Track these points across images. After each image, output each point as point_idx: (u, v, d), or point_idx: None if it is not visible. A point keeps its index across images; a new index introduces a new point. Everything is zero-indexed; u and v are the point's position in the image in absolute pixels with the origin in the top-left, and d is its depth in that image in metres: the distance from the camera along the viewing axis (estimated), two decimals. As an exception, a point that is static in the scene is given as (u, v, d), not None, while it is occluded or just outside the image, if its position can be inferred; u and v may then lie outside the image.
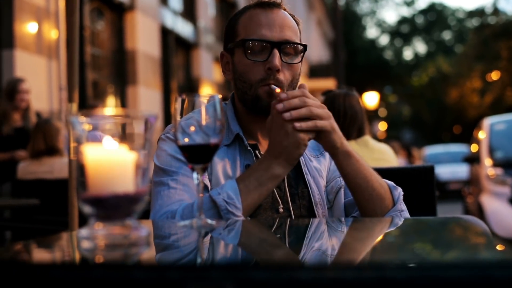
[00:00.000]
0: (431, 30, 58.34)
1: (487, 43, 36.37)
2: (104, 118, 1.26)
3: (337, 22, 20.09)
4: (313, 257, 1.29)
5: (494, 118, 11.64)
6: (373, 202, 2.09)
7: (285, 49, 2.16)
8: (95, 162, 1.22)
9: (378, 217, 2.09)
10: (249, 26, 2.19)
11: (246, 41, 2.16)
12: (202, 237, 1.51)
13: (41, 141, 5.78)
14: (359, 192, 2.08)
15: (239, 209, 1.91)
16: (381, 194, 2.10)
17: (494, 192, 9.17)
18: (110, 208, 1.21)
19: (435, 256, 1.19)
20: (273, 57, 2.12)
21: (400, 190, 2.18)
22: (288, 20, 2.22)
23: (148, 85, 13.59)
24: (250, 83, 2.16)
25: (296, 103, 1.94)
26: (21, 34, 9.15)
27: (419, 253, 1.25)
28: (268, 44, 2.14)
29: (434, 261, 1.12)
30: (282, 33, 2.16)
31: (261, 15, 2.19)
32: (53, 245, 1.42)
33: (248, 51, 2.16)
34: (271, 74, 2.12)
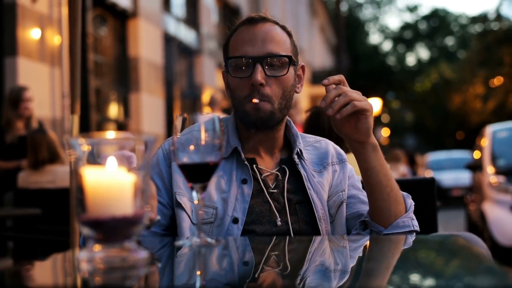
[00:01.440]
0: (434, 36, 58.26)
1: (490, 49, 36.30)
2: (103, 140, 1.26)
3: (339, 28, 20.12)
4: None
5: (497, 126, 11.64)
6: (389, 203, 2.10)
7: (271, 62, 2.16)
8: (94, 185, 1.22)
9: (390, 221, 2.10)
10: (235, 44, 2.22)
11: (229, 59, 2.19)
12: (201, 258, 1.51)
13: (45, 151, 5.78)
14: (378, 190, 2.10)
15: None
16: (398, 197, 2.13)
17: (496, 200, 9.17)
18: (109, 230, 1.22)
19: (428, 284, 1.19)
20: (255, 72, 2.13)
21: (412, 201, 2.20)
22: (272, 33, 2.21)
23: (150, 92, 13.60)
24: (239, 99, 2.18)
25: (333, 95, 1.97)
26: (24, 41, 9.16)
27: (412, 282, 1.24)
28: (250, 60, 2.15)
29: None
30: (264, 47, 2.17)
31: (245, 31, 2.21)
32: (52, 268, 1.42)
33: (232, 69, 2.18)
34: (255, 90, 2.13)
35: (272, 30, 2.22)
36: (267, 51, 2.16)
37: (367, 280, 1.26)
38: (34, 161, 5.80)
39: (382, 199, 2.10)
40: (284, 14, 26.11)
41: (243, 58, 2.16)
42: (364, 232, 2.17)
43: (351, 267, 1.48)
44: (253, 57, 2.15)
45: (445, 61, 52.71)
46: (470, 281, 1.16)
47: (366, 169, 2.10)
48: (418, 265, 1.42)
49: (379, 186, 2.09)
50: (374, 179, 2.09)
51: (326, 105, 1.98)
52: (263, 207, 2.17)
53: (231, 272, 1.41)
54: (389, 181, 2.10)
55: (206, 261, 1.50)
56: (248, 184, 2.17)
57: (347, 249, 1.80)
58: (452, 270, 1.30)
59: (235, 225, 2.11)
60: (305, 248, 1.79)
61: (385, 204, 2.10)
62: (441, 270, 1.30)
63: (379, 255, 1.66)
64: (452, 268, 1.33)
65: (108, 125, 12.93)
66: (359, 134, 2.05)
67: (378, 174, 2.09)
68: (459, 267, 1.34)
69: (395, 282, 1.21)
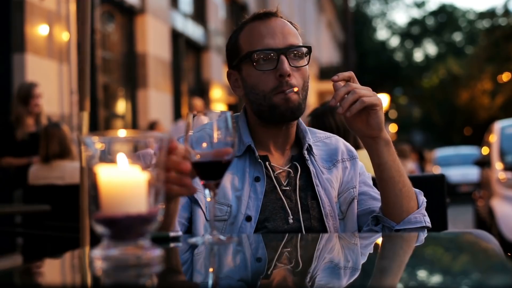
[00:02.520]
0: (442, 31, 58.15)
1: (498, 45, 36.20)
2: (117, 138, 1.26)
3: (347, 24, 20.10)
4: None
5: (505, 122, 11.60)
6: (401, 199, 2.11)
7: (291, 54, 2.17)
8: (108, 183, 1.22)
9: (403, 216, 2.11)
10: (252, 39, 2.21)
11: (252, 53, 2.17)
12: (214, 256, 1.51)
13: (56, 145, 5.79)
14: (391, 185, 2.10)
15: None
16: (410, 193, 2.13)
17: (505, 196, 9.14)
18: (123, 228, 1.22)
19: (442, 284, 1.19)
20: (282, 63, 2.13)
21: (424, 198, 2.21)
22: (288, 26, 2.24)
23: (158, 88, 13.61)
24: (263, 93, 2.16)
25: (342, 93, 1.98)
26: (32, 38, 9.17)
27: (425, 280, 1.24)
28: (274, 52, 2.15)
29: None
30: (285, 39, 2.18)
31: (260, 26, 2.21)
32: (65, 265, 1.42)
33: (255, 63, 2.17)
34: (283, 81, 2.13)
35: (286, 24, 2.24)
36: (289, 43, 2.18)
37: (378, 278, 1.26)
38: (45, 154, 5.81)
39: (394, 194, 2.11)
40: (291, 9, 26.08)
41: (267, 50, 2.16)
42: (376, 227, 2.17)
43: (362, 264, 1.48)
44: (277, 49, 2.15)
45: (452, 56, 52.60)
46: (483, 279, 1.16)
47: (379, 164, 2.11)
48: (430, 263, 1.42)
49: (392, 181, 2.10)
50: (386, 174, 2.10)
51: (336, 103, 1.99)
52: (276, 204, 2.17)
53: (244, 269, 1.41)
54: (401, 176, 2.11)
55: (220, 259, 1.50)
56: (261, 182, 2.17)
57: (358, 247, 1.80)
58: (465, 267, 1.30)
59: (248, 223, 2.11)
60: (316, 246, 1.79)
61: (397, 200, 2.11)
62: (454, 268, 1.30)
63: (390, 252, 1.66)
64: (464, 265, 1.33)
65: (116, 121, 12.94)
66: (371, 129, 2.06)
67: (391, 169, 2.10)
68: (472, 264, 1.34)
69: (406, 280, 1.21)
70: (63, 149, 5.83)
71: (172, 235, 1.71)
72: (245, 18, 2.30)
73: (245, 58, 2.21)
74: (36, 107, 7.01)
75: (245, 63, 2.21)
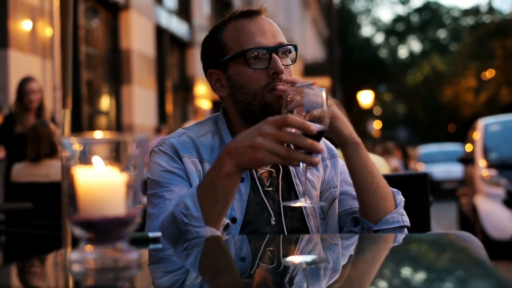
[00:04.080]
0: (426, 28, 58.28)
1: (482, 42, 36.34)
2: (95, 139, 1.25)
3: (332, 21, 20.10)
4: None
5: (489, 119, 11.66)
6: (376, 199, 2.10)
7: (280, 53, 2.16)
8: (86, 185, 1.21)
9: (380, 217, 2.10)
10: (241, 36, 2.17)
11: (245, 52, 2.13)
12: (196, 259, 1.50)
13: (47, 144, 5.74)
14: (364, 187, 2.10)
15: (198, 219, 1.82)
16: (385, 193, 2.13)
17: (488, 193, 9.19)
18: (100, 231, 1.20)
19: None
20: (275, 62, 2.11)
21: (402, 197, 2.20)
22: (274, 25, 2.22)
23: (142, 84, 13.58)
24: (254, 92, 2.13)
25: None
26: (16, 33, 9.13)
27: (400, 284, 1.24)
28: (266, 50, 2.13)
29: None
30: (275, 38, 2.16)
31: (249, 24, 2.18)
32: (44, 268, 1.41)
33: (251, 61, 2.13)
34: (276, 78, 2.11)
35: (272, 23, 2.22)
36: (278, 41, 2.17)
37: (355, 280, 1.26)
38: (36, 154, 5.75)
39: (368, 195, 2.10)
40: (276, 6, 26.08)
41: (261, 49, 2.13)
42: (356, 228, 2.17)
43: (342, 265, 1.48)
44: (270, 47, 2.14)
45: (437, 53, 52.78)
46: (463, 284, 1.16)
47: (350, 167, 2.11)
48: (408, 265, 1.41)
49: (364, 183, 2.10)
50: (358, 176, 2.10)
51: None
52: (259, 205, 2.15)
53: (228, 269, 1.41)
54: (374, 178, 2.10)
55: (200, 260, 1.50)
56: (245, 183, 2.14)
57: (339, 247, 1.79)
58: (445, 271, 1.29)
59: (233, 225, 2.08)
60: (297, 246, 1.78)
61: (372, 201, 2.11)
62: (433, 271, 1.29)
63: (369, 253, 1.66)
64: (445, 269, 1.32)
65: (99, 118, 12.90)
66: (334, 138, 2.10)
67: (362, 172, 2.09)
68: (452, 268, 1.33)
69: (379, 283, 1.20)
70: (53, 148, 5.78)
71: (151, 236, 1.70)
72: (226, 16, 2.27)
73: (236, 57, 2.16)
74: (30, 103, 6.89)
75: (234, 62, 2.17)
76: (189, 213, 1.83)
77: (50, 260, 1.49)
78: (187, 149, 2.14)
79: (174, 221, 1.87)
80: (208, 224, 1.84)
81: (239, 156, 1.77)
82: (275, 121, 1.70)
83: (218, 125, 2.25)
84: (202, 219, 1.83)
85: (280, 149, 1.68)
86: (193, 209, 1.84)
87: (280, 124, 1.68)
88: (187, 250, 1.65)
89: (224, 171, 1.80)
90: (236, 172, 1.80)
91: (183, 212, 1.84)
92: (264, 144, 1.69)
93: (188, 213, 1.83)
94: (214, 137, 2.21)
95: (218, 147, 2.18)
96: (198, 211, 1.83)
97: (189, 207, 1.84)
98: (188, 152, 2.13)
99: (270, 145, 1.68)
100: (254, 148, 1.71)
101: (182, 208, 1.85)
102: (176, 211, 1.86)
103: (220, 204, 1.84)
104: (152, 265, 1.48)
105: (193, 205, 1.84)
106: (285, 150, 1.67)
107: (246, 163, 1.77)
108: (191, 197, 1.86)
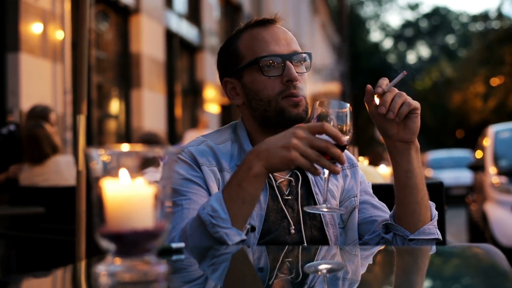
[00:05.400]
0: (435, 34, 58.35)
1: (491, 48, 36.27)
2: (124, 152, 1.24)
3: (342, 26, 20.10)
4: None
5: (499, 126, 11.63)
6: (420, 208, 2.09)
7: (294, 61, 2.16)
8: (114, 197, 1.20)
9: (418, 226, 2.09)
10: (255, 45, 2.19)
11: (259, 59, 2.15)
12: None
13: (47, 145, 5.77)
14: (415, 193, 2.08)
15: (226, 220, 1.84)
16: (427, 204, 2.12)
17: (498, 200, 9.17)
18: (129, 244, 1.19)
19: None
20: (289, 69, 2.13)
21: (436, 211, 2.18)
22: (288, 33, 2.24)
23: (152, 88, 13.58)
24: (269, 99, 2.14)
25: (389, 98, 2.01)
26: (26, 37, 9.14)
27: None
28: (280, 58, 2.14)
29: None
30: (289, 46, 2.18)
31: (263, 32, 2.20)
32: (67, 281, 1.40)
33: (265, 69, 2.14)
34: (290, 85, 2.12)
35: (287, 31, 2.24)
36: (292, 49, 2.18)
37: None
38: (38, 156, 5.77)
39: (416, 202, 2.08)
40: (285, 11, 26.09)
41: (276, 56, 2.14)
42: (388, 235, 2.14)
43: (362, 275, 1.48)
44: (284, 55, 2.15)
45: (445, 59, 52.77)
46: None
47: (408, 170, 2.08)
48: (438, 279, 1.40)
49: (416, 189, 2.08)
50: (413, 181, 2.07)
51: (387, 109, 1.98)
52: (278, 214, 2.14)
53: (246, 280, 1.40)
54: (424, 185, 2.10)
55: (222, 271, 1.49)
56: (264, 191, 2.13)
57: (358, 258, 1.79)
58: (473, 286, 1.28)
59: (251, 233, 2.08)
60: (317, 257, 1.78)
61: (417, 208, 2.09)
62: (461, 286, 1.28)
63: (390, 264, 1.65)
64: (473, 284, 1.31)
65: (109, 122, 12.92)
66: (409, 133, 2.05)
67: (417, 177, 2.07)
68: (480, 283, 1.32)
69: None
70: (53, 147, 5.82)
71: (174, 247, 1.69)
72: (241, 26, 2.28)
73: (250, 65, 2.18)
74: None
75: (249, 70, 2.19)
76: (217, 215, 1.84)
77: (73, 272, 1.48)
78: (206, 157, 2.14)
79: (200, 225, 1.86)
80: (235, 226, 1.85)
81: (270, 157, 1.82)
82: (310, 127, 1.79)
83: (237, 133, 2.26)
84: (229, 220, 1.84)
85: (312, 152, 1.76)
86: (220, 211, 1.84)
87: (315, 131, 1.77)
88: (214, 266, 1.64)
89: (253, 172, 1.84)
90: (264, 173, 1.85)
91: (210, 214, 1.84)
92: (298, 145, 1.77)
93: (215, 215, 1.84)
94: (233, 145, 2.21)
95: (237, 155, 2.18)
96: (225, 213, 1.84)
97: (216, 209, 1.85)
98: (207, 161, 2.13)
99: (304, 148, 1.76)
100: (289, 148, 1.78)
101: (209, 210, 1.85)
102: (203, 214, 1.85)
103: (247, 206, 1.87)
104: (172, 275, 1.47)
105: (220, 207, 1.85)
106: (316, 154, 1.76)
107: (276, 163, 1.81)
108: (218, 200, 1.86)
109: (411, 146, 2.07)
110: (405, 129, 2.04)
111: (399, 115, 1.98)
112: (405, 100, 1.99)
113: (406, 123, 2.04)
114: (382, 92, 1.99)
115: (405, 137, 2.06)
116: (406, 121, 2.03)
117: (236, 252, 1.77)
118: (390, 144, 2.10)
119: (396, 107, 1.97)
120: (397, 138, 2.07)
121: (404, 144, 2.07)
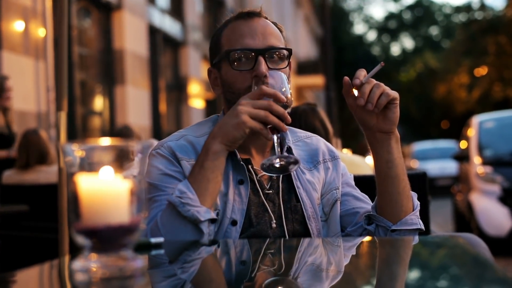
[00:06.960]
0: (419, 25, 58.46)
1: (475, 39, 36.46)
2: (98, 146, 1.22)
3: (325, 19, 20.09)
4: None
5: (483, 116, 11.67)
6: (402, 198, 2.09)
7: (271, 56, 2.15)
8: (89, 192, 1.18)
9: (400, 217, 2.08)
10: (232, 37, 2.19)
11: (230, 52, 2.15)
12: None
13: (36, 152, 5.74)
14: (396, 183, 2.08)
15: (194, 200, 1.91)
16: (409, 194, 2.12)
17: (483, 190, 9.21)
18: (105, 239, 1.18)
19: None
20: (258, 64, 2.10)
21: (418, 201, 2.18)
22: (270, 27, 2.22)
23: (136, 84, 13.53)
24: (239, 92, 2.13)
25: (367, 89, 1.99)
26: (8, 34, 9.07)
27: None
28: (252, 52, 2.13)
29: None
30: (265, 40, 2.16)
31: (242, 25, 2.19)
32: (44, 277, 1.38)
33: (235, 62, 2.14)
34: (258, 81, 2.10)
35: (269, 25, 2.22)
36: (268, 44, 2.16)
37: (360, 281, 1.24)
38: (25, 162, 5.74)
39: (397, 192, 2.08)
40: (268, 4, 26.04)
41: (246, 50, 2.14)
42: (370, 226, 2.13)
43: (345, 266, 1.47)
44: (256, 49, 2.13)
45: (429, 50, 52.92)
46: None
47: (388, 160, 2.07)
48: (419, 269, 1.40)
49: (397, 179, 2.07)
50: (394, 171, 2.07)
51: (366, 101, 1.97)
52: (259, 208, 2.13)
53: (228, 273, 1.39)
54: (405, 175, 2.10)
55: (206, 265, 1.48)
56: (245, 185, 2.12)
57: (341, 249, 1.78)
58: (456, 276, 1.27)
59: (233, 227, 2.07)
60: (299, 249, 1.77)
61: (399, 198, 2.08)
62: (444, 277, 1.28)
63: (373, 256, 1.65)
64: (455, 274, 1.31)
65: (93, 119, 12.87)
66: (389, 124, 2.04)
67: (398, 167, 2.07)
68: (463, 273, 1.32)
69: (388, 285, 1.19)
70: (43, 155, 5.78)
71: (153, 242, 1.68)
72: (230, 17, 2.27)
73: (223, 57, 2.19)
74: (8, 101, 6.71)
75: (224, 62, 2.19)
76: (185, 196, 1.91)
77: (51, 269, 1.46)
78: (185, 152, 2.13)
79: (171, 211, 1.92)
80: (204, 205, 1.92)
81: (223, 131, 1.96)
82: (250, 94, 1.98)
83: None
84: (198, 200, 1.91)
85: (258, 111, 1.92)
86: (188, 192, 1.92)
87: (255, 95, 1.96)
88: (192, 262, 1.63)
89: (211, 151, 1.96)
90: (222, 149, 1.97)
91: (178, 196, 1.91)
92: (245, 109, 1.92)
93: (184, 196, 1.91)
94: None
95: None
96: (193, 193, 1.92)
97: (184, 190, 1.92)
98: (186, 155, 2.12)
99: (250, 109, 1.92)
100: (237, 115, 1.92)
101: (177, 193, 1.92)
102: (171, 198, 1.92)
103: (212, 183, 1.96)
104: (152, 270, 1.46)
105: (187, 189, 1.92)
106: (264, 112, 1.92)
107: (231, 132, 1.95)
108: (184, 184, 1.95)
109: (391, 136, 2.06)
110: (384, 120, 2.04)
111: (378, 106, 1.98)
112: (383, 91, 1.99)
113: (385, 114, 2.03)
114: (360, 83, 1.98)
115: (384, 128, 2.05)
116: (385, 111, 2.03)
117: (215, 247, 1.76)
118: (370, 135, 2.09)
119: (375, 98, 1.97)
120: (377, 129, 2.06)
121: (384, 135, 2.06)
